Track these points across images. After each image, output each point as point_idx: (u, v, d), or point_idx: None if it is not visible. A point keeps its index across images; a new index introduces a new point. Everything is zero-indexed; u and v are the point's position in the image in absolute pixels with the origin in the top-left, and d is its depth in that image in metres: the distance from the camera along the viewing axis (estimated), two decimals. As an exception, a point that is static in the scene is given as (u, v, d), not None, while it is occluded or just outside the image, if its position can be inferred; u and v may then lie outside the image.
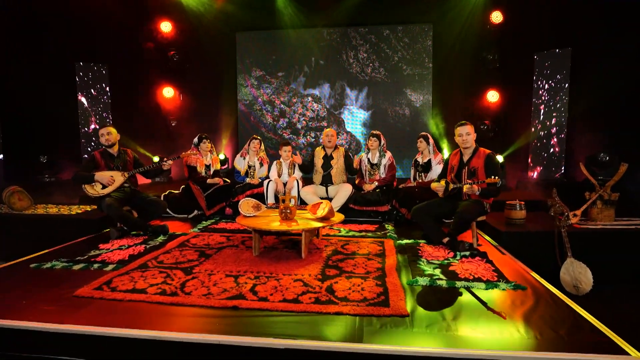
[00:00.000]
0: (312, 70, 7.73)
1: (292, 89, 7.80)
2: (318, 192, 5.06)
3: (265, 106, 7.89)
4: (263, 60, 7.81)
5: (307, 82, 7.75)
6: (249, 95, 7.93)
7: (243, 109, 7.97)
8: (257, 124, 7.92)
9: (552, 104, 6.26)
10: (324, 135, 5.13)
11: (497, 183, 3.25)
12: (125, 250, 3.57)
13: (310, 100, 7.76)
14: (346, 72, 7.62)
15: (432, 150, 4.83)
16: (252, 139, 5.32)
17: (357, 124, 7.71)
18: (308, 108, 7.77)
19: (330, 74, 7.66)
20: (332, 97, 7.72)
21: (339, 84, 7.68)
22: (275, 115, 7.88)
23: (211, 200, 5.03)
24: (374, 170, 5.02)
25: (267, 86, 7.86)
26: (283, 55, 7.74)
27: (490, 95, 7.24)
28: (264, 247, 3.59)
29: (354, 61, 7.59)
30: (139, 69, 7.55)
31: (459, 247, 3.41)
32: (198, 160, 5.09)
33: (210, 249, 3.60)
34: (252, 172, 5.32)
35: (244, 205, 3.66)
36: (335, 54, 7.62)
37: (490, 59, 7.12)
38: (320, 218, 3.41)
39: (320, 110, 7.75)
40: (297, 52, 7.67)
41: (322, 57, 7.67)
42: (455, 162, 3.74)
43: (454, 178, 3.69)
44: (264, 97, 7.88)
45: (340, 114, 7.73)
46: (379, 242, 3.81)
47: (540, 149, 6.40)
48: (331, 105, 7.74)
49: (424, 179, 4.87)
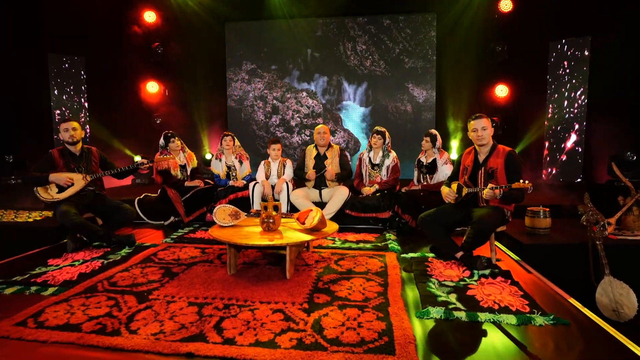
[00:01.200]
0: (307, 64, 7.16)
1: (285, 83, 7.23)
2: (310, 196, 4.49)
3: (256, 102, 7.32)
4: (254, 53, 7.24)
5: (302, 76, 7.18)
6: (239, 91, 7.36)
7: (233, 105, 7.40)
8: (248, 121, 7.35)
9: (568, 97, 5.69)
10: (316, 133, 4.55)
11: (527, 188, 2.68)
12: (78, 266, 2.99)
13: (304, 95, 7.19)
14: (344, 65, 7.06)
15: (438, 149, 4.25)
16: (223, 136, 4.74)
17: (356, 121, 7.13)
18: (302, 104, 7.19)
19: (326, 67, 7.10)
20: (328, 92, 7.15)
21: (336, 78, 7.11)
22: (267, 112, 7.30)
23: (190, 205, 4.46)
24: (375, 172, 4.45)
25: (258, 80, 7.29)
26: (275, 48, 7.18)
27: (499, 89, 6.68)
28: (243, 263, 3.02)
29: (352, 53, 7.02)
30: (120, 61, 6.97)
31: (476, 264, 2.84)
32: (170, 162, 4.50)
33: (179, 265, 3.02)
34: (234, 172, 4.74)
35: (219, 212, 3.09)
36: (331, 46, 7.05)
37: (499, 50, 6.55)
38: (309, 229, 2.84)
39: (316, 107, 7.18)
40: (291, 44, 7.10)
41: (317, 49, 7.10)
42: (469, 161, 3.17)
43: (468, 181, 3.12)
44: (255, 93, 7.31)
45: (337, 110, 7.16)
46: (380, 255, 3.23)
47: (556, 147, 5.84)
48: (327, 100, 7.16)
49: (429, 181, 4.30)
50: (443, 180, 4.15)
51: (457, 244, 3.09)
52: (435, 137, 4.25)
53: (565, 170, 5.69)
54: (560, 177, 5.70)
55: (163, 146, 4.60)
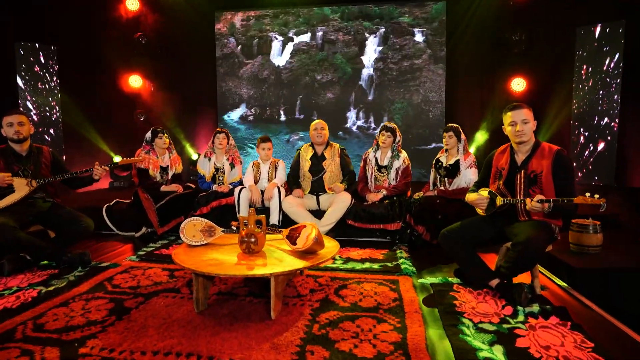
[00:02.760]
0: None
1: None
2: (306, 203, 3.83)
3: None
4: (247, 44, 6.57)
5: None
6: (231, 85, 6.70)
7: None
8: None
9: (599, 91, 5.04)
10: (312, 129, 3.89)
11: (600, 205, 2.02)
12: (7, 297, 2.34)
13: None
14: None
15: (464, 148, 3.60)
16: (217, 132, 4.10)
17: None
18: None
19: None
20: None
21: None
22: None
23: (165, 213, 3.80)
24: (383, 175, 3.80)
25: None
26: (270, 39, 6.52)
27: (515, 83, 6.03)
28: (218, 293, 2.37)
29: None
30: (98, 52, 6.30)
31: (520, 297, 2.18)
32: (151, 160, 3.86)
33: (136, 295, 2.36)
34: (221, 176, 4.09)
35: (188, 228, 2.43)
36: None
37: (516, 40, 5.90)
38: (302, 251, 2.18)
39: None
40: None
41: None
42: (504, 163, 2.51)
43: (503, 187, 2.46)
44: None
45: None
46: (391, 281, 2.58)
47: (583, 146, 5.18)
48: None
49: (447, 186, 3.64)
50: (465, 186, 3.50)
51: (488, 264, 2.44)
52: (458, 132, 3.60)
53: (598, 172, 5.03)
54: (592, 180, 5.05)
55: (149, 141, 3.96)
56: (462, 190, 3.51)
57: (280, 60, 6.46)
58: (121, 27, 6.41)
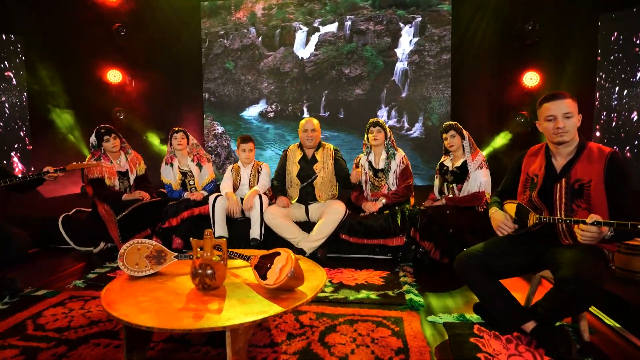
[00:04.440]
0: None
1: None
2: (293, 214, 3.26)
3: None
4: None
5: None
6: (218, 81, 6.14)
7: (211, 98, 6.17)
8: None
9: (626, 82, 4.48)
10: (301, 130, 3.31)
11: None
12: None
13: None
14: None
15: (470, 147, 3.05)
16: (173, 132, 3.53)
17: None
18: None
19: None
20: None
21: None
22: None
23: (128, 226, 3.24)
24: (380, 180, 3.24)
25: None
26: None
27: (528, 77, 5.46)
28: (165, 340, 1.80)
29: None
30: (72, 45, 5.74)
31: (567, 348, 1.62)
32: (104, 168, 3.30)
33: (60, 343, 1.80)
34: (191, 180, 3.53)
35: (130, 253, 1.87)
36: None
37: (528, 30, 5.35)
38: (275, 289, 1.62)
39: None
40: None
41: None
42: (537, 168, 1.96)
43: (538, 199, 1.90)
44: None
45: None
46: (394, 320, 2.02)
47: (608, 146, 4.61)
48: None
49: (456, 193, 3.09)
50: (477, 190, 2.95)
51: (516, 299, 1.89)
52: (461, 130, 3.06)
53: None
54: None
55: (95, 146, 3.40)
56: (474, 196, 2.96)
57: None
58: (98, 17, 5.85)
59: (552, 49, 5.24)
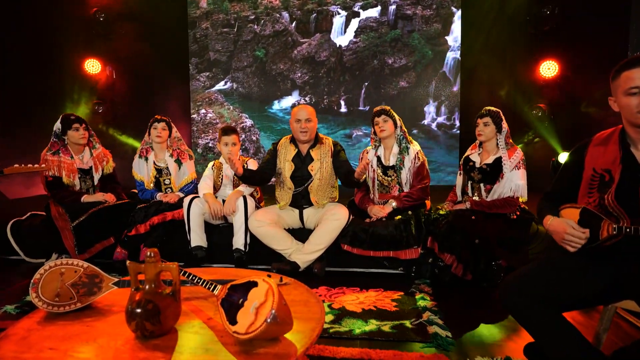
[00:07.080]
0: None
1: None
2: (284, 219, 2.72)
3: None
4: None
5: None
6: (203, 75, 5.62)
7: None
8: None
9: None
10: (293, 119, 2.71)
11: None
12: None
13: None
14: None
15: (506, 141, 2.52)
16: (154, 121, 3.00)
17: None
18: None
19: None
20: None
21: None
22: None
23: (86, 234, 2.70)
24: (390, 179, 2.71)
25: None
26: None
27: (545, 67, 5.00)
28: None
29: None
30: (44, 33, 5.21)
31: None
32: (62, 165, 2.76)
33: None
34: (167, 179, 2.99)
35: (48, 280, 1.34)
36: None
37: (547, 14, 4.88)
38: (247, 340, 1.08)
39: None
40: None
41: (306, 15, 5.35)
42: (610, 161, 1.43)
43: (615, 203, 1.37)
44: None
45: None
46: (418, 367, 1.48)
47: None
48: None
49: (484, 195, 2.56)
50: (511, 195, 2.43)
51: (587, 338, 1.36)
52: (500, 119, 2.53)
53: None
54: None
55: (59, 134, 2.86)
56: (506, 202, 2.44)
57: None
58: (74, 1, 5.34)
59: (572, 35, 4.77)
